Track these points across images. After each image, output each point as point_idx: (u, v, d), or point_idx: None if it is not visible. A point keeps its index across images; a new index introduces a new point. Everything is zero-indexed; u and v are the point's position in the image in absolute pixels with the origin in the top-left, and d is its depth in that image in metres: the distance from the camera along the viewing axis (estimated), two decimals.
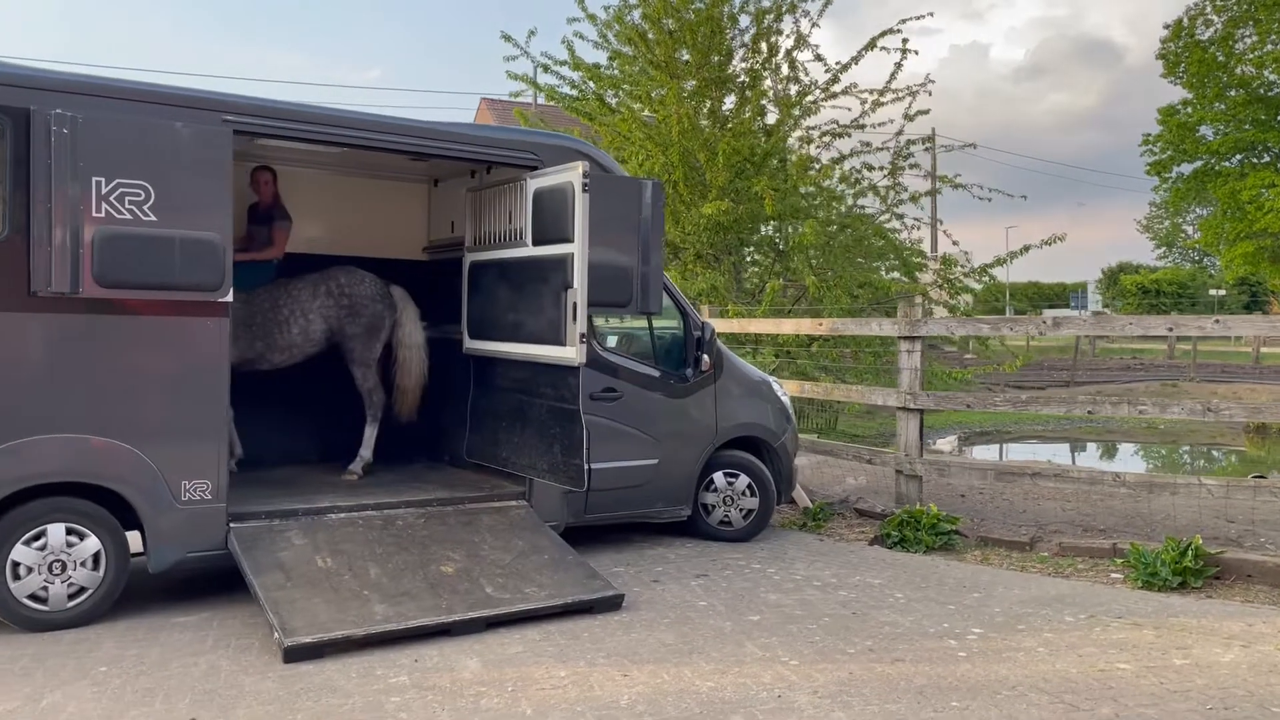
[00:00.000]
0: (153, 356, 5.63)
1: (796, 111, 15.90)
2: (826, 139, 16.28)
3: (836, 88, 15.78)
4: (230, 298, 5.79)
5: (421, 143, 6.45)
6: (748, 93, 15.27)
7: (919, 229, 16.86)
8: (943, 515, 7.94)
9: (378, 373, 7.69)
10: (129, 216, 5.46)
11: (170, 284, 5.59)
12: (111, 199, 5.40)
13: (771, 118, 16.18)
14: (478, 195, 7.50)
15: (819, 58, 15.88)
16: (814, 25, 16.06)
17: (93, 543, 5.54)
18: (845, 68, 15.78)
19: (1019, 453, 18.54)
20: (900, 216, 16.74)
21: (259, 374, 7.42)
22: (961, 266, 17.00)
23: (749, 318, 11.90)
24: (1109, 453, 18.38)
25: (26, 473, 5.32)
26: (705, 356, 7.55)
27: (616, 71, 16.31)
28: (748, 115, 15.32)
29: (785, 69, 16.19)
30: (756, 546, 7.70)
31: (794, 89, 15.99)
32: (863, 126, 16.23)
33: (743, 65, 16.10)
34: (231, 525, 5.90)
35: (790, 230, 15.16)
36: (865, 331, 9.08)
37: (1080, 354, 35.47)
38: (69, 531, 5.48)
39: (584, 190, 6.22)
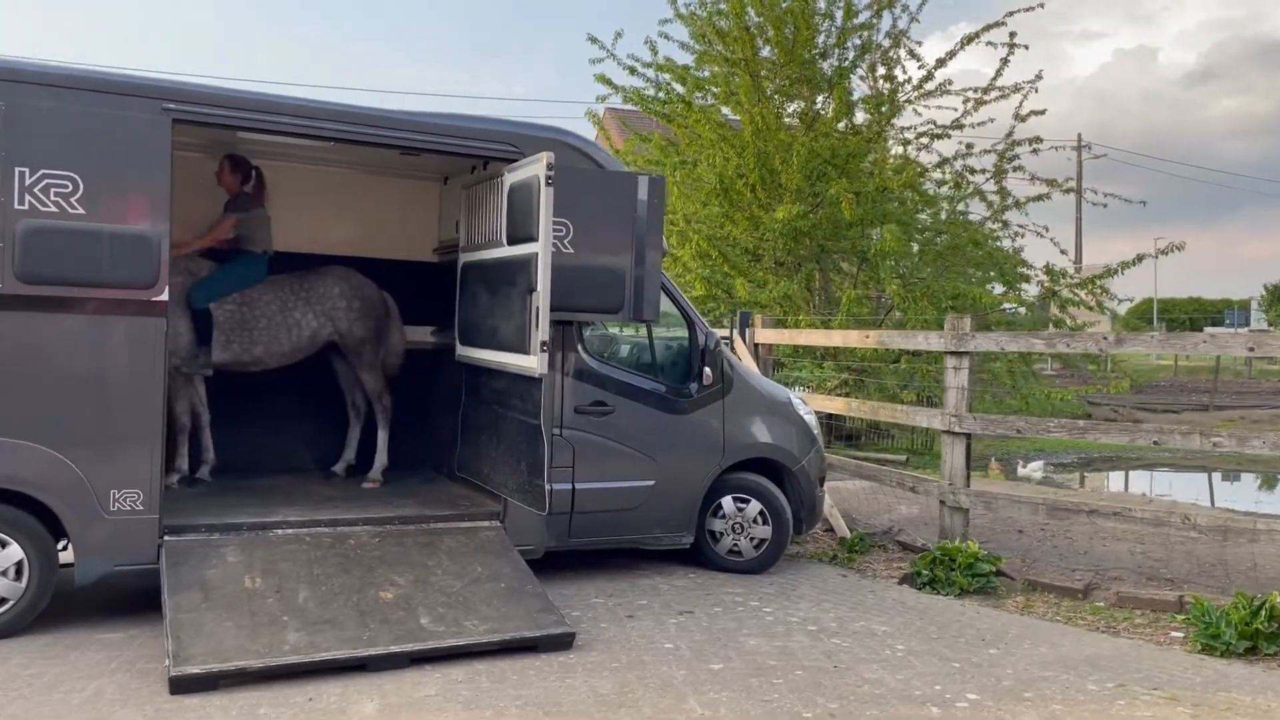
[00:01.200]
0: (79, 357, 5.33)
1: (885, 110, 14.98)
2: (924, 140, 15.32)
3: (930, 85, 14.81)
4: (165, 296, 5.44)
5: (380, 133, 6.00)
6: (833, 91, 14.42)
7: (1022, 237, 15.61)
8: (982, 554, 7.03)
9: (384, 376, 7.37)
10: (54, 209, 5.18)
11: (98, 281, 5.29)
12: (36, 190, 5.13)
13: (860, 117, 15.32)
14: (471, 192, 7.02)
15: (913, 54, 14.93)
16: (914, 20, 15.13)
17: (15, 551, 5.27)
18: (941, 63, 14.82)
19: (1137, 482, 16.95)
20: (1005, 224, 15.61)
21: (251, 376, 7.15)
22: (1070, 278, 15.73)
23: (797, 329, 11.11)
24: (1268, 484, 16.45)
25: None
26: (707, 369, 6.86)
27: (707, 73, 15.70)
28: (830, 115, 14.48)
29: (880, 67, 15.32)
30: (765, 580, 6.96)
31: (886, 87, 15.09)
32: (961, 126, 15.20)
33: (831, 63, 15.28)
34: (166, 538, 5.55)
35: (874, 237, 14.22)
36: (912, 345, 8.22)
37: (1235, 375, 32.75)
38: None
39: (548, 184, 5.65)
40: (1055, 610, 6.55)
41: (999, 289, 15.54)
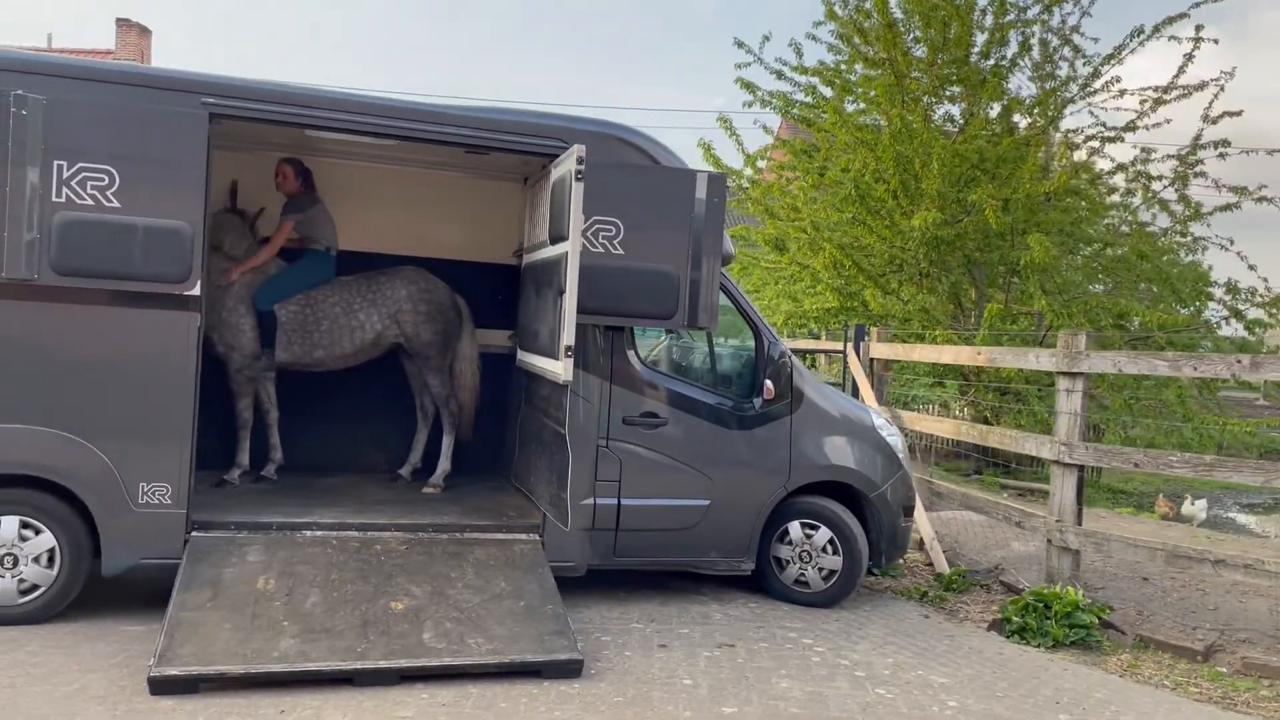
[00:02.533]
0: (110, 349, 5.36)
1: (1046, 112, 13.85)
2: (1094, 144, 14.09)
3: (1097, 84, 13.59)
4: (198, 290, 5.42)
5: (421, 127, 5.80)
6: (982, 91, 13.44)
7: (1205, 250, 14.10)
8: (1084, 602, 6.20)
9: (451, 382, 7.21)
10: (90, 202, 5.22)
11: (131, 274, 5.30)
12: (73, 184, 5.19)
13: (1019, 120, 14.23)
14: (532, 192, 6.77)
15: (1079, 50, 13.74)
16: (1085, 14, 13.93)
17: (47, 539, 5.34)
18: (1108, 59, 13.57)
19: None
20: (1186, 236, 14.15)
21: (330, 376, 7.13)
22: (1260, 296, 14.09)
23: (912, 344, 10.29)
24: None
25: None
26: (768, 382, 6.33)
27: (856, 75, 14.98)
28: (981, 116, 13.51)
29: (1044, 65, 14.20)
30: (831, 615, 6.36)
31: (1047, 86, 13.96)
32: (1134, 128, 13.89)
33: (989, 63, 14.26)
34: (193, 534, 5.52)
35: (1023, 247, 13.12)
36: (1022, 364, 7.38)
37: None
38: (23, 525, 5.32)
39: (578, 179, 5.30)
40: (1166, 673, 5.68)
41: (1182, 309, 14.09)
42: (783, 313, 14.33)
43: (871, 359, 9.75)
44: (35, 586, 5.34)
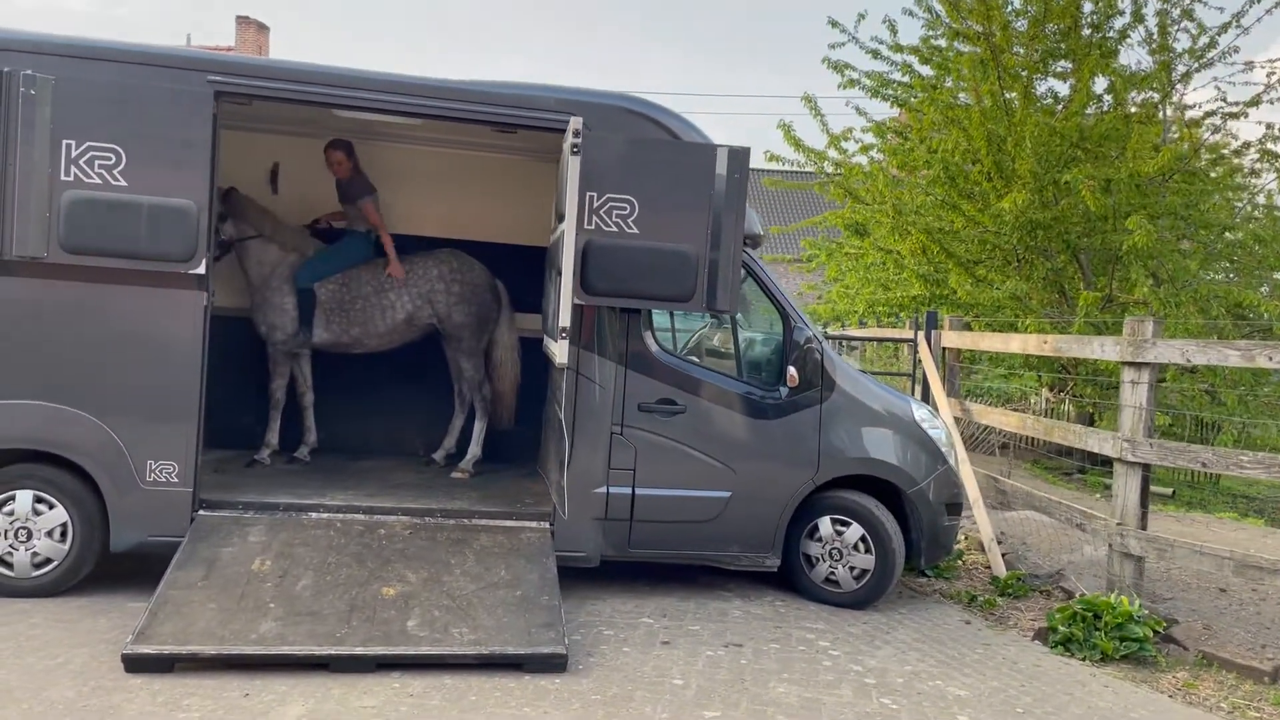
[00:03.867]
0: (119, 327, 5.40)
1: (1160, 85, 12.93)
2: (1215, 120, 13.11)
3: (1213, 53, 12.62)
4: (203, 269, 5.40)
5: (427, 102, 5.63)
6: (1083, 64, 12.60)
7: None
8: (1138, 612, 5.66)
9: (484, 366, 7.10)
10: (98, 181, 5.26)
11: (136, 253, 5.31)
12: (81, 162, 5.23)
13: (1128, 95, 13.31)
14: (556, 170, 6.56)
15: (1192, 17, 12.76)
16: None
17: (59, 513, 5.42)
18: (1225, 28, 12.58)
19: None
20: None
21: (372, 358, 7.12)
22: None
23: (980, 332, 9.67)
24: None
25: None
26: (791, 369, 5.98)
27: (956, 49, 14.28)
28: (1082, 92, 12.68)
29: (1159, 34, 13.25)
30: (859, 617, 5.97)
31: (1159, 59, 13.03)
32: (1257, 103, 12.86)
33: (1100, 34, 13.38)
34: (200, 512, 5.53)
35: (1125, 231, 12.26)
36: (1086, 353, 6.79)
37: None
38: (37, 500, 5.41)
39: (574, 153, 5.07)
40: (1225, 695, 5.13)
41: None
42: (864, 300, 13.79)
43: (944, 348, 9.24)
44: (48, 560, 5.43)
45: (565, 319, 5.13)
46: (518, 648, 4.76)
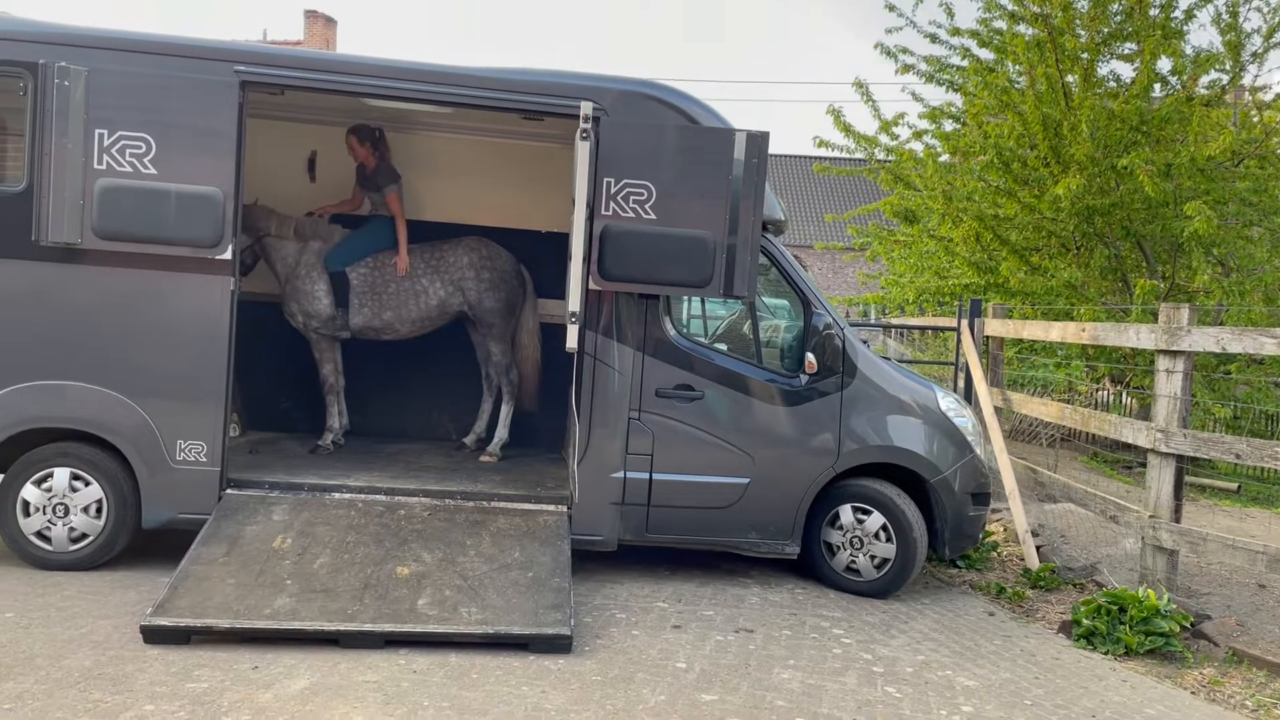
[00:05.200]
0: (150, 311, 5.58)
1: (1233, 66, 12.47)
2: None
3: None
4: (229, 255, 5.55)
5: (449, 90, 5.70)
6: (1144, 46, 12.21)
7: None
8: (1165, 606, 5.52)
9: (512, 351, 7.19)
10: (129, 169, 5.43)
11: (165, 238, 5.48)
12: (113, 151, 5.41)
13: (1194, 77, 12.87)
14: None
15: None
16: None
17: (95, 490, 5.63)
18: None
19: None
20: None
21: (395, 346, 7.26)
22: None
23: (1021, 320, 9.42)
24: None
25: (23, 416, 5.52)
26: (810, 355, 5.93)
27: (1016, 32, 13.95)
28: (1144, 74, 12.28)
29: (1226, 14, 12.79)
30: (878, 606, 5.92)
31: (1228, 39, 12.57)
32: None
33: (1170, 14, 12.95)
34: (228, 491, 5.70)
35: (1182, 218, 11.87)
36: (1123, 341, 6.60)
37: None
38: (74, 477, 5.62)
39: (583, 138, 5.10)
40: (1253, 693, 4.98)
41: None
42: (914, 289, 13.58)
43: (986, 337, 9.08)
44: (84, 535, 5.64)
45: (574, 304, 5.17)
46: (524, 628, 4.82)
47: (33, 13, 5.91)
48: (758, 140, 5.65)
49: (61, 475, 5.61)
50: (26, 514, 5.59)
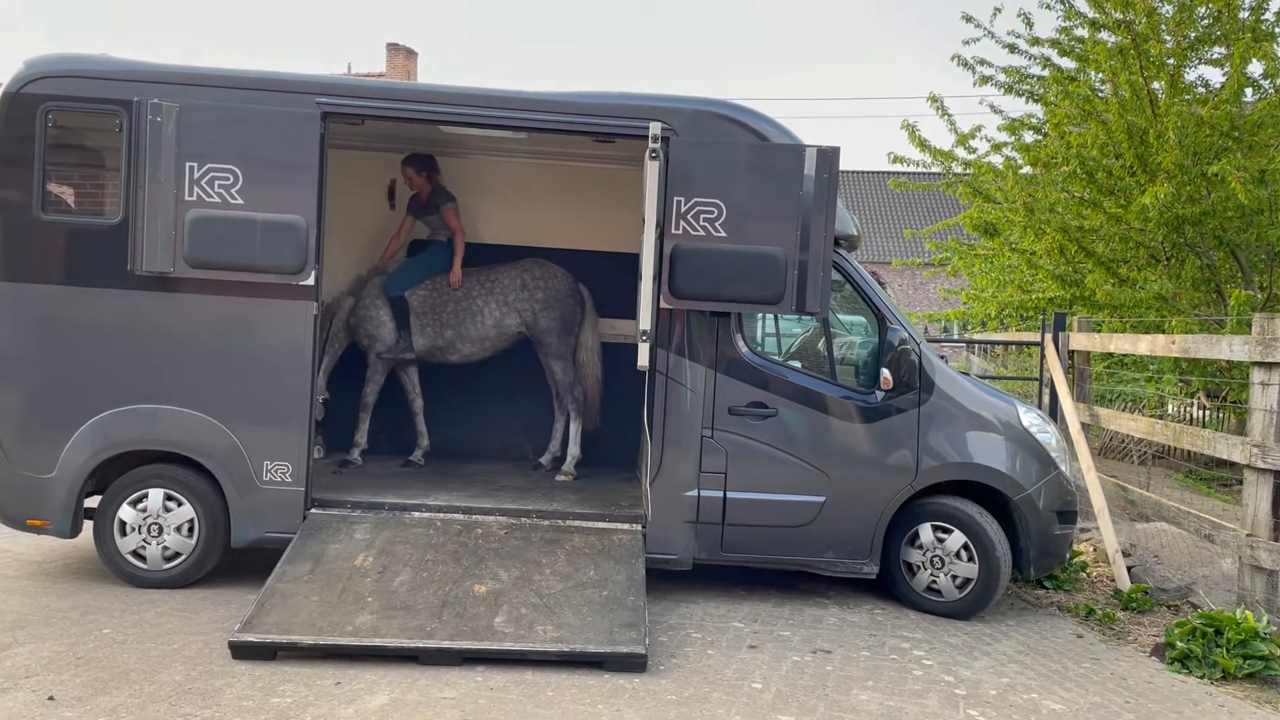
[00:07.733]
0: (237, 336, 5.77)
1: None
2: None
3: None
4: (312, 280, 5.71)
5: (521, 115, 5.81)
6: (1234, 48, 11.84)
7: None
8: (1265, 629, 5.30)
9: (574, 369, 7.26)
10: (217, 200, 5.63)
11: (252, 266, 5.67)
12: (202, 183, 5.62)
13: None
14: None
15: None
16: None
17: (187, 510, 5.82)
18: None
19: None
20: None
21: (470, 369, 7.39)
22: None
23: (1109, 334, 9.13)
24: None
25: (120, 439, 5.74)
26: (885, 371, 5.86)
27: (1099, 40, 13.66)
28: (1235, 78, 11.90)
29: None
30: (961, 627, 5.80)
31: None
32: None
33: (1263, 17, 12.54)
34: (312, 511, 5.85)
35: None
36: (1214, 354, 6.38)
37: None
38: (167, 498, 5.82)
39: (652, 157, 5.14)
40: None
41: None
42: (997, 303, 13.31)
43: (1071, 351, 8.86)
44: (177, 554, 5.84)
45: (645, 322, 5.21)
46: (599, 646, 4.83)
47: (130, 53, 6.19)
48: (828, 155, 5.63)
49: (156, 496, 5.82)
50: (123, 533, 5.82)
